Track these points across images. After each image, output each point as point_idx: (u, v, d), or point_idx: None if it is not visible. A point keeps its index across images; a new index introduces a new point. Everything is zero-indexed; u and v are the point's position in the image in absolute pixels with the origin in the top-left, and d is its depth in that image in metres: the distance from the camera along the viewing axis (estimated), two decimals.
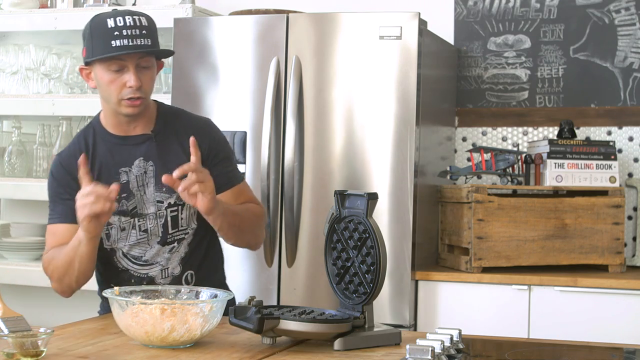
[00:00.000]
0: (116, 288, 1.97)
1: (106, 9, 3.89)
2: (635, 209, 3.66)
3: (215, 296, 1.99)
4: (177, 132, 2.33)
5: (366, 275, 1.97)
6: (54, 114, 3.94)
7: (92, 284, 3.74)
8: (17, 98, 4.02)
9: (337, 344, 1.88)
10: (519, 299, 3.21)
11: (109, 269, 2.34)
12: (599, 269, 3.37)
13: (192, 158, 2.08)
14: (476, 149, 3.59)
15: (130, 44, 2.17)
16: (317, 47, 3.32)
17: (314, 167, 3.28)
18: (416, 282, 3.30)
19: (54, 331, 1.82)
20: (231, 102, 3.40)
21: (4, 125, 4.36)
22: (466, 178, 3.68)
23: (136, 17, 2.21)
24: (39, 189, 3.90)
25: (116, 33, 2.17)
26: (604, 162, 3.45)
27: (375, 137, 3.24)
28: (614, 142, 3.51)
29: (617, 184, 3.45)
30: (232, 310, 1.92)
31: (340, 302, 2.03)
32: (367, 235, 1.97)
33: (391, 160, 3.22)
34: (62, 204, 2.29)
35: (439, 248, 3.61)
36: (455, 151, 3.88)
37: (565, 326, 3.14)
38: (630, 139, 3.70)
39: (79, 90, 3.97)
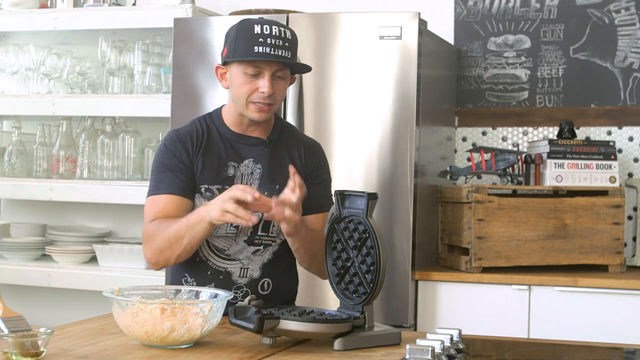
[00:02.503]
0: (116, 288, 1.97)
1: (106, 9, 3.91)
2: (635, 209, 3.66)
3: (215, 296, 1.99)
4: (289, 144, 2.40)
5: (366, 275, 1.97)
6: (54, 114, 3.94)
7: (91, 284, 3.76)
8: (17, 98, 4.02)
9: (337, 344, 1.89)
10: (519, 299, 3.21)
11: (188, 259, 2.34)
12: (599, 269, 3.37)
13: (296, 189, 2.12)
14: (476, 149, 3.59)
15: (272, 52, 2.24)
16: (317, 47, 3.32)
17: None
18: (416, 282, 3.30)
19: (54, 331, 1.82)
20: None
21: (4, 125, 4.36)
22: (466, 178, 3.68)
23: (282, 29, 2.27)
24: (39, 189, 3.91)
25: (261, 40, 2.24)
26: (604, 162, 3.45)
27: (375, 137, 3.24)
28: (614, 142, 3.51)
29: (617, 184, 3.45)
30: (232, 310, 1.92)
31: (340, 302, 2.03)
32: (367, 235, 1.97)
33: (391, 160, 3.22)
34: (171, 175, 2.30)
35: (439, 248, 3.61)
36: (455, 151, 3.88)
37: (565, 326, 3.14)
38: (630, 139, 3.70)
39: (79, 90, 3.97)
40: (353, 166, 3.26)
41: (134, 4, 4.18)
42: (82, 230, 4.18)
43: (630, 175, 3.69)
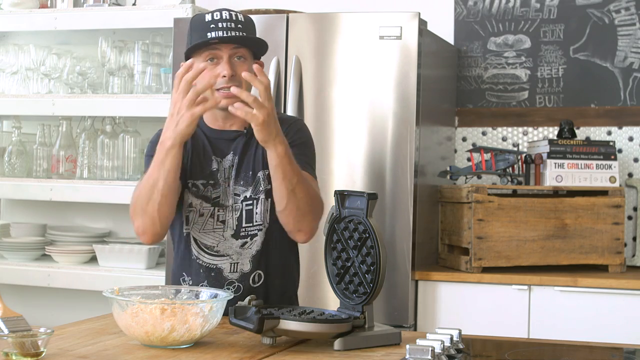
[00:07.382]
0: (116, 288, 1.97)
1: (106, 9, 3.91)
2: (635, 209, 3.66)
3: (215, 296, 1.99)
4: None
5: (366, 275, 1.97)
6: (54, 114, 3.94)
7: (91, 284, 3.76)
8: (17, 98, 4.02)
9: (337, 344, 1.88)
10: (519, 299, 3.21)
11: (184, 257, 2.36)
12: (599, 269, 3.37)
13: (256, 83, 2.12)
14: (476, 149, 3.59)
15: (225, 35, 2.25)
16: (317, 47, 3.32)
17: None
18: (416, 282, 3.30)
19: (54, 331, 1.82)
20: None
21: (4, 125, 4.36)
22: (466, 178, 3.68)
23: (233, 13, 2.29)
24: (39, 189, 3.91)
25: (212, 26, 2.26)
26: (604, 162, 3.45)
27: (375, 137, 3.24)
28: (614, 142, 3.51)
29: (617, 184, 3.45)
30: (232, 310, 1.92)
31: (340, 302, 2.03)
32: (367, 235, 1.97)
33: (391, 160, 3.22)
34: None
35: (439, 248, 3.61)
36: (455, 151, 3.88)
37: (565, 326, 3.14)
38: (630, 139, 3.70)
39: (79, 90, 3.97)
40: (353, 166, 3.26)
41: (134, 4, 4.18)
42: (82, 230, 4.18)
43: (630, 175, 3.69)
